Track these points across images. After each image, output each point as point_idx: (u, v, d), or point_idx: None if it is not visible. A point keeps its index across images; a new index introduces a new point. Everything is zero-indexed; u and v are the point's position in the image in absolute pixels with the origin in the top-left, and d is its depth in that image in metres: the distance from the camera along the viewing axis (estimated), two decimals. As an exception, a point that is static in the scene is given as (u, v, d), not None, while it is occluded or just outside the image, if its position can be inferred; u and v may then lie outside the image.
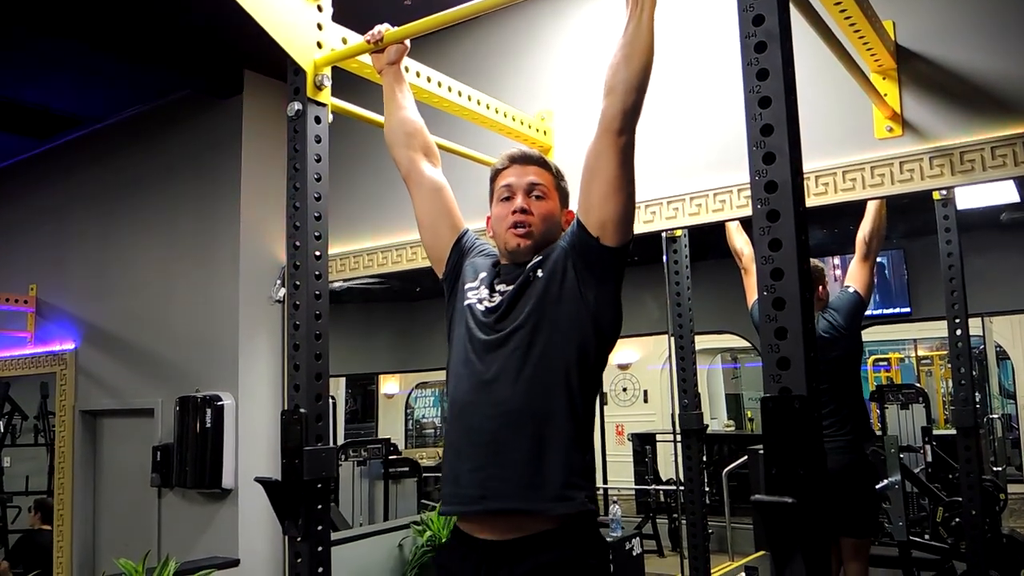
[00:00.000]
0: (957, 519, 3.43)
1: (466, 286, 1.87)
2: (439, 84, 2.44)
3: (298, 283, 1.90)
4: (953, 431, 2.84)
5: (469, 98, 2.59)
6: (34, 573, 2.92)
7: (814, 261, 3.02)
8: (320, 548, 1.82)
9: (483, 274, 1.87)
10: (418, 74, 2.35)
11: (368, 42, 2.02)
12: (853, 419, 3.09)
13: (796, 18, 1.40)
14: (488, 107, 2.69)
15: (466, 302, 1.84)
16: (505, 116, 2.79)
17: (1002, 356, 4.88)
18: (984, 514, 2.81)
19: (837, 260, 3.33)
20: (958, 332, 2.75)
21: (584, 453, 1.70)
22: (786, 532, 1.14)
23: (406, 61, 2.13)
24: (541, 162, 1.89)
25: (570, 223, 1.86)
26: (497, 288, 1.81)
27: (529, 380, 1.68)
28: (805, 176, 1.49)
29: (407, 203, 2.04)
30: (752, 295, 3.18)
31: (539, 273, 1.77)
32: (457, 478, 1.73)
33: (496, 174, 1.91)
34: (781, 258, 1.21)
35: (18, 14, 3.05)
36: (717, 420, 6.09)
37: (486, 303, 1.80)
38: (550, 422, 1.67)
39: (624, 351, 7.28)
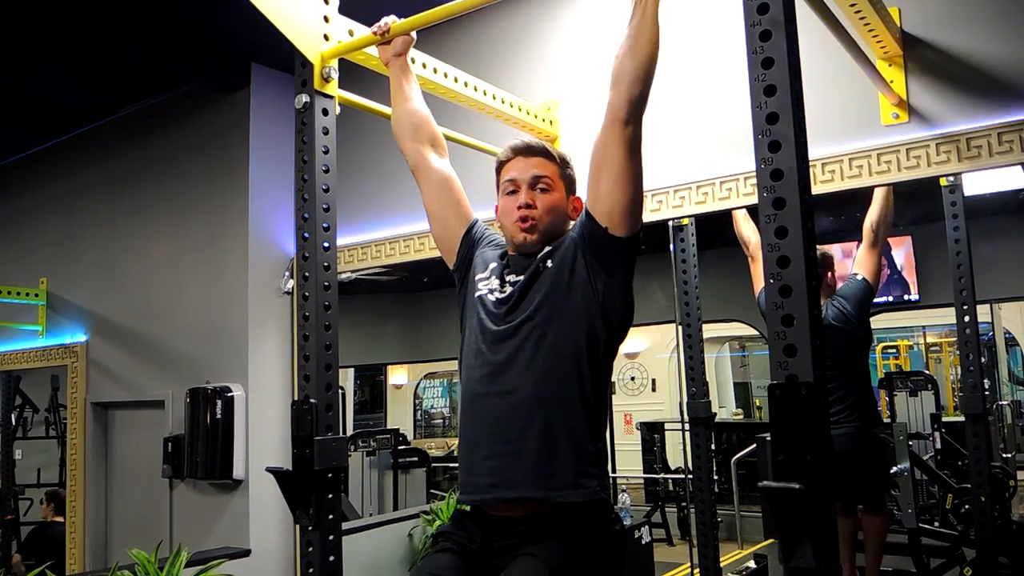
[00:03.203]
0: (966, 506, 3.43)
1: (477, 277, 1.88)
2: (445, 75, 2.45)
3: (307, 274, 1.91)
4: (962, 418, 2.83)
5: (475, 89, 2.59)
6: (47, 564, 2.94)
7: (822, 248, 3.02)
8: (332, 537, 1.83)
9: (493, 264, 1.87)
10: (424, 65, 2.36)
11: (375, 34, 2.02)
12: (861, 405, 3.11)
13: (801, 5, 1.40)
14: (494, 97, 2.69)
15: (477, 293, 1.84)
16: (511, 106, 2.79)
17: (1011, 343, 4.86)
18: (993, 501, 2.81)
19: (849, 263, 3.33)
20: (966, 319, 2.74)
21: (596, 442, 1.71)
22: (794, 518, 1.15)
23: (412, 52, 2.14)
24: (544, 152, 1.87)
25: (578, 209, 1.86)
26: (508, 278, 1.81)
27: (540, 370, 1.69)
28: (811, 163, 1.49)
29: (414, 194, 2.04)
30: (759, 283, 3.18)
31: (549, 263, 1.77)
32: (471, 467, 1.74)
33: (500, 166, 1.90)
34: (787, 246, 1.21)
35: (27, 6, 3.05)
36: (725, 408, 6.10)
37: (497, 294, 1.81)
38: (561, 411, 1.68)
39: (632, 340, 7.27)
